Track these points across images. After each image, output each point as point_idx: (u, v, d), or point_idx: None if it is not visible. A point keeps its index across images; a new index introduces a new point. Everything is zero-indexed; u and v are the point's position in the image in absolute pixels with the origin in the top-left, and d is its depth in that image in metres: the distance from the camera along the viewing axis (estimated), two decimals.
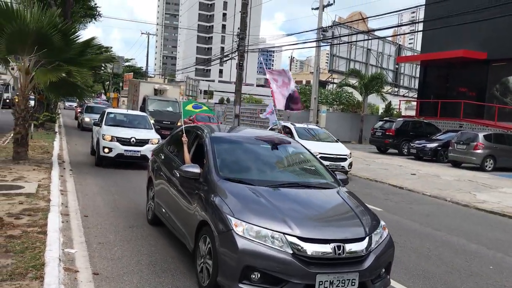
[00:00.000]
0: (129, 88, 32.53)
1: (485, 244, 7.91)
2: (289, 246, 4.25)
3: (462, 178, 16.07)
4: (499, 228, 9.41)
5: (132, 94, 29.41)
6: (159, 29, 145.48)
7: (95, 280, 4.88)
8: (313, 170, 6.13)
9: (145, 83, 29.16)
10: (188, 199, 5.47)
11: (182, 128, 6.82)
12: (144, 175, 11.40)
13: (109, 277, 5.01)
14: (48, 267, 4.80)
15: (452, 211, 10.91)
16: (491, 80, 27.64)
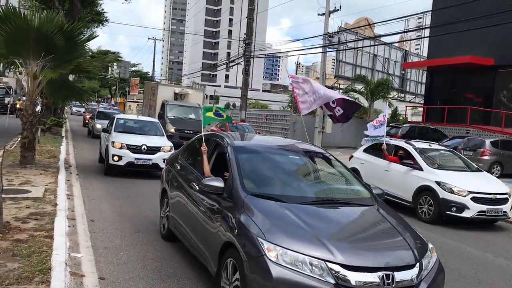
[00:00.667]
0: (145, 92, 29.48)
1: (492, 251, 7.86)
2: (331, 274, 3.73)
3: None
4: (504, 235, 9.34)
5: (149, 98, 26.50)
6: (166, 34, 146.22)
7: (101, 285, 4.90)
8: (347, 183, 5.59)
9: (164, 86, 25.87)
10: (210, 216, 4.95)
11: (201, 136, 6.30)
12: (151, 182, 11.60)
13: (115, 282, 5.02)
14: (55, 271, 4.82)
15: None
16: (498, 86, 27.50)
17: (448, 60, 27.89)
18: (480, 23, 21.86)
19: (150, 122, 14.94)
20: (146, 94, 28.35)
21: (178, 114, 21.82)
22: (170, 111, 21.84)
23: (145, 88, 29.55)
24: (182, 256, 6.04)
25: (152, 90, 25.34)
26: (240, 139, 6.28)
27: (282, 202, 4.55)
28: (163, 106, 22.30)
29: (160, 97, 23.44)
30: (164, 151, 12.42)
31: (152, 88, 25.62)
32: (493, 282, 6.22)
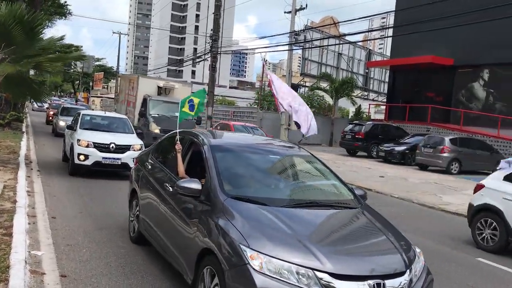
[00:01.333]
0: (121, 86, 25.33)
1: (449, 245, 8.15)
2: (319, 284, 3.48)
3: (429, 181, 16.48)
4: (463, 230, 9.70)
5: (126, 93, 22.99)
6: (131, 29, 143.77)
7: (63, 283, 4.82)
8: (330, 185, 5.34)
9: (146, 79, 22.28)
10: (186, 220, 4.61)
11: (176, 133, 5.96)
12: (115, 179, 11.42)
13: (77, 279, 4.95)
14: (13, 270, 4.72)
15: (418, 212, 11.19)
16: (457, 86, 28.43)
17: (410, 60, 28.65)
18: (441, 24, 22.51)
19: (119, 119, 14.14)
20: (122, 89, 24.70)
21: (163, 111, 18.99)
22: (153, 108, 19.06)
23: (121, 81, 25.74)
24: (147, 253, 6.00)
25: (131, 84, 22.08)
26: (216, 137, 5.93)
27: (265, 206, 4.30)
28: (145, 102, 19.43)
29: (142, 91, 20.29)
30: (134, 149, 11.67)
31: (131, 81, 22.31)
32: None
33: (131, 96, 21.61)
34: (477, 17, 20.78)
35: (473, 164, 20.02)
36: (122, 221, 7.45)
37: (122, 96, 24.23)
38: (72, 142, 11.77)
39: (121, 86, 25.43)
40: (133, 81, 21.84)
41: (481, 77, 27.16)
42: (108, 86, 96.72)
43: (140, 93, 20.24)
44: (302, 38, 31.38)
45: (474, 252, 7.85)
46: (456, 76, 28.26)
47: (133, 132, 13.28)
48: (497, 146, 22.12)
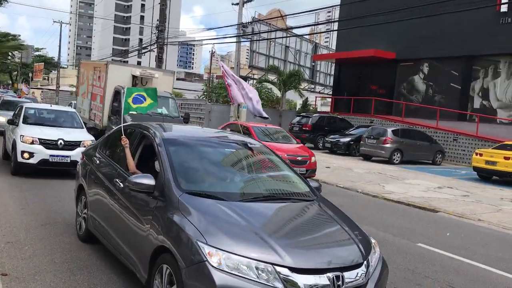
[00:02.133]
0: (82, 76, 20.55)
1: (392, 232, 8.50)
2: (278, 278, 3.45)
3: (372, 171, 17.05)
4: (405, 217, 10.14)
5: (90, 84, 18.59)
6: (73, 18, 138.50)
7: (4, 281, 4.64)
8: (285, 177, 5.30)
9: (117, 67, 17.92)
10: (138, 217, 4.46)
11: (120, 127, 5.73)
12: (58, 173, 11.00)
13: (19, 278, 4.78)
14: None
15: (363, 201, 11.57)
16: (399, 79, 29.50)
17: (354, 53, 29.40)
18: (383, 19, 23.25)
19: (66, 112, 13.07)
20: (83, 78, 20.12)
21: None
22: None
23: (83, 69, 20.76)
24: (92, 248, 5.87)
25: (97, 73, 17.82)
26: (168, 130, 5.67)
27: (221, 200, 4.21)
28: (118, 96, 15.41)
29: (112, 82, 16.41)
30: (84, 146, 10.53)
31: (97, 69, 17.98)
32: None
33: (97, 87, 17.37)
34: (416, 12, 21.62)
35: (414, 155, 20.90)
36: (67, 217, 7.25)
37: (84, 88, 19.58)
38: (14, 139, 10.84)
39: (82, 76, 20.46)
40: (99, 69, 17.61)
41: (421, 70, 28.32)
42: (49, 77, 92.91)
43: (110, 84, 16.36)
44: (250, 30, 31.46)
45: (414, 238, 8.23)
46: (398, 70, 29.32)
47: (82, 127, 12.43)
48: (436, 137, 23.21)
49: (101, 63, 18.50)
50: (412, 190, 13.43)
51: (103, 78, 16.80)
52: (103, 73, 16.94)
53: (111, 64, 17.26)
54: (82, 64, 21.45)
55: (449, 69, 26.70)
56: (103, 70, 16.97)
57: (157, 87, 15.63)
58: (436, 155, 21.65)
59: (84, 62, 22.09)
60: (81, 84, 20.48)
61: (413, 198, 12.08)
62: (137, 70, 16.88)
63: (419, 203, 11.52)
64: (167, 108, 15.67)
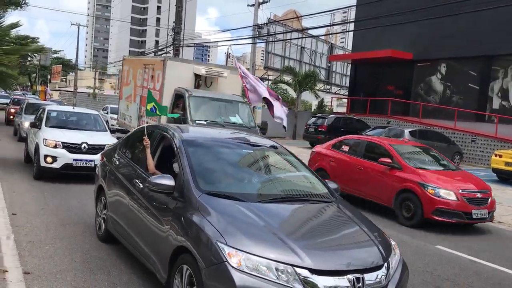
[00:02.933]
0: (127, 75, 16.21)
1: (409, 234, 8.41)
2: (298, 280, 3.44)
3: None
4: None
5: (139, 86, 14.57)
6: (90, 20, 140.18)
7: (26, 280, 4.72)
8: (304, 178, 5.27)
9: (177, 63, 13.65)
10: (158, 217, 4.48)
11: (143, 127, 5.75)
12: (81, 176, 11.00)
13: (41, 276, 4.86)
14: None
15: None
16: (416, 80, 29.23)
17: (371, 54, 29.20)
18: (400, 19, 23.06)
19: (89, 115, 12.66)
20: (128, 79, 15.98)
21: (213, 115, 11.69)
22: (197, 111, 11.49)
23: (127, 67, 16.36)
24: (112, 248, 5.94)
25: (149, 71, 13.87)
26: (187, 131, 5.68)
27: (241, 201, 4.21)
28: (180, 100, 11.91)
29: (171, 83, 12.57)
30: None
31: (148, 67, 14.00)
32: None
33: (153, 89, 12.97)
34: (434, 12, 21.40)
35: None
36: (86, 217, 7.34)
37: (130, 90, 15.55)
38: (37, 142, 10.50)
39: (126, 75, 16.31)
40: (152, 66, 13.78)
41: (439, 71, 28.02)
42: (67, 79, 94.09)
43: (169, 85, 12.54)
44: (265, 31, 31.50)
45: (432, 240, 8.15)
46: (415, 70, 29.04)
47: (106, 130, 11.99)
48: (454, 138, 22.92)
49: (155, 59, 15.12)
50: None
51: (158, 78, 13.08)
52: (158, 71, 13.19)
53: (170, 61, 13.24)
54: (127, 61, 16.84)
55: (467, 69, 26.36)
56: (158, 67, 13.22)
57: (224, 88, 13.24)
58: (454, 157, 21.37)
59: (130, 58, 17.66)
60: (125, 85, 16.28)
61: None
62: (202, 68, 13.24)
63: None
64: (241, 115, 12.25)
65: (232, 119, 11.77)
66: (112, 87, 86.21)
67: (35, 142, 10.77)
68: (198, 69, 13.13)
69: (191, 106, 11.41)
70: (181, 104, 11.65)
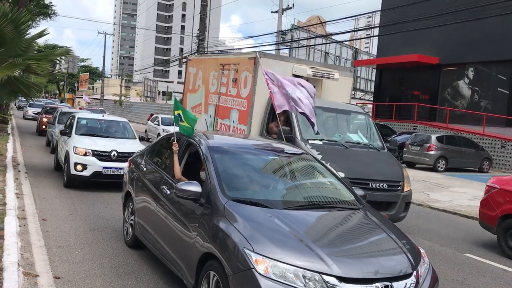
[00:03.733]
0: (194, 79, 12.65)
1: (438, 242, 8.27)
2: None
3: (416, 178, 16.64)
4: (451, 226, 9.85)
5: (213, 92, 11.35)
6: (116, 29, 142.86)
7: (57, 284, 4.82)
8: (330, 184, 5.22)
9: (273, 61, 9.91)
10: (185, 224, 4.52)
11: (172, 134, 5.78)
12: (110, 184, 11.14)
13: (70, 281, 4.94)
14: (7, 272, 4.71)
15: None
16: (443, 84, 28.77)
17: (396, 59, 28.91)
18: (426, 23, 22.78)
19: (118, 122, 12.68)
20: (195, 83, 12.53)
21: (329, 133, 8.93)
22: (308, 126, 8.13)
23: (193, 68, 12.88)
24: (139, 254, 6.01)
25: (229, 73, 10.65)
26: (213, 138, 5.65)
27: (267, 208, 4.21)
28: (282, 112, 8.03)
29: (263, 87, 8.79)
30: None
31: (228, 68, 10.77)
32: None
33: (231, 97, 10.40)
34: (461, 16, 21.08)
35: (460, 162, 20.31)
36: (114, 222, 7.45)
37: (199, 97, 12.13)
38: (67, 150, 10.53)
39: (193, 79, 12.77)
40: (234, 67, 10.44)
41: (466, 75, 27.53)
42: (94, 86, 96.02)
43: (261, 91, 9.14)
44: (289, 37, 31.52)
45: (461, 248, 7.98)
46: (442, 75, 28.60)
47: (135, 137, 12.02)
48: (482, 144, 22.45)
49: (239, 58, 10.73)
50: (458, 198, 13.04)
51: (245, 82, 9.95)
52: (245, 73, 10.00)
53: (264, 58, 9.70)
54: (194, 62, 13.13)
55: (496, 74, 25.81)
56: (245, 68, 9.98)
57: (331, 94, 10.14)
58: (483, 162, 20.95)
59: (198, 58, 13.81)
60: (192, 92, 12.78)
61: (459, 207, 11.72)
62: (307, 68, 9.94)
63: (466, 212, 11.17)
64: (363, 132, 9.42)
65: (354, 137, 9.06)
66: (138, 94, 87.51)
67: (65, 150, 10.86)
68: (300, 69, 9.87)
69: (299, 120, 8.47)
70: (283, 117, 8.55)
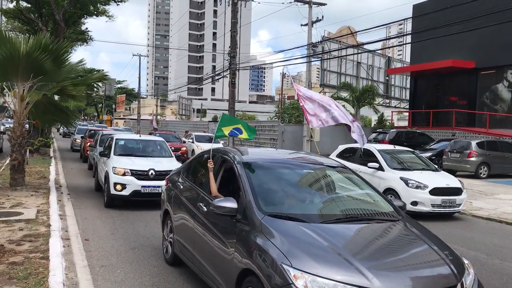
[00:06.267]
0: None
1: (484, 251, 7.99)
2: None
3: None
4: (496, 235, 9.50)
5: None
6: (150, 50, 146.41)
7: None
8: (367, 196, 5.15)
9: None
10: (223, 240, 4.53)
11: (208, 151, 5.90)
12: (148, 202, 11.35)
13: None
14: None
15: (450, 219, 10.99)
16: (480, 88, 28.03)
17: (430, 65, 28.40)
18: (459, 28, 22.31)
19: (154, 142, 12.98)
20: None
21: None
22: None
23: None
24: (179, 271, 6.06)
25: None
26: (246, 153, 5.72)
27: (303, 222, 4.16)
28: None
29: None
30: None
31: None
32: None
33: None
34: (495, 18, 20.53)
35: (503, 167, 19.63)
36: (154, 241, 7.56)
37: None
38: (106, 170, 10.79)
39: None
40: None
41: (505, 78, 26.72)
42: (130, 107, 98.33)
43: None
44: (320, 49, 31.47)
45: (509, 257, 7.67)
46: (479, 79, 27.87)
47: (171, 156, 12.23)
48: None
49: None
50: (503, 205, 12.57)
51: None
52: None
53: None
54: None
55: None
56: None
57: None
58: None
59: None
60: None
61: (505, 215, 11.29)
62: None
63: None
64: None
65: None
66: (173, 112, 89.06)
67: (104, 170, 11.12)
68: None
69: None
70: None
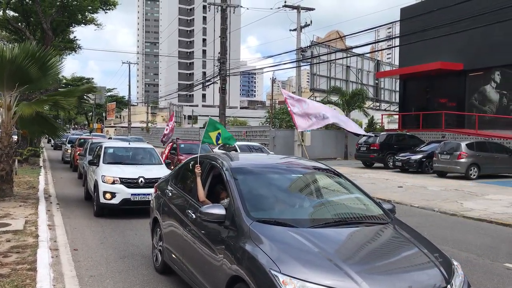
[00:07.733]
0: None
1: (475, 252, 8.00)
2: None
3: (448, 188, 16.26)
4: (487, 235, 9.53)
5: None
6: (140, 58, 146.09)
7: None
8: (356, 200, 5.12)
9: None
10: (211, 247, 4.50)
11: (196, 157, 5.88)
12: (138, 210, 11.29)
13: None
14: None
15: (440, 221, 11.02)
16: (469, 90, 28.26)
17: (419, 67, 28.61)
18: (446, 30, 22.50)
19: (143, 149, 12.89)
20: None
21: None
22: None
23: None
24: (169, 280, 6.00)
25: None
26: (235, 159, 5.70)
27: (292, 227, 4.14)
28: None
29: None
30: None
31: None
32: None
33: None
34: (483, 20, 20.71)
35: (492, 168, 19.76)
36: (144, 249, 7.49)
37: None
38: (95, 179, 10.70)
39: None
40: None
41: (493, 79, 26.97)
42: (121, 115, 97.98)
43: None
44: (309, 54, 31.59)
45: (500, 258, 7.69)
46: (467, 80, 28.12)
47: (161, 163, 12.14)
48: None
49: None
50: (493, 206, 12.63)
51: None
52: None
53: None
54: None
55: None
56: None
57: None
58: None
59: None
60: None
61: (495, 215, 11.35)
62: None
63: (502, 219, 10.79)
64: None
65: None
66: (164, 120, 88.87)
67: (94, 179, 10.98)
68: None
69: None
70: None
